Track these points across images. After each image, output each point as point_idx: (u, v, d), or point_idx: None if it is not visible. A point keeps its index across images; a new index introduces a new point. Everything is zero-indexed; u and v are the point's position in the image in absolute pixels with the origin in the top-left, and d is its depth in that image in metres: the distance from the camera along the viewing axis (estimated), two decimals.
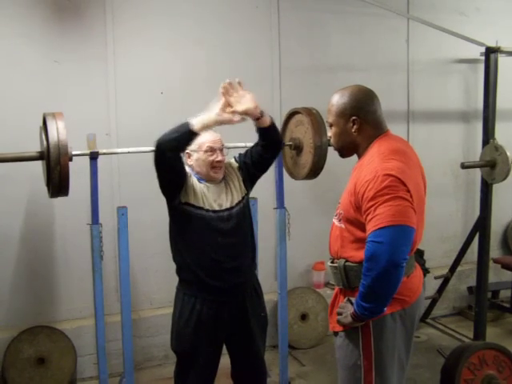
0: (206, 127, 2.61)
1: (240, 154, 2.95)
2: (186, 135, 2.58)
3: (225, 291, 2.74)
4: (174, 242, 2.82)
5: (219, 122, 2.62)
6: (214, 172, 2.75)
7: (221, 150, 2.78)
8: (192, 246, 2.73)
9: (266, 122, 2.74)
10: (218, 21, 4.26)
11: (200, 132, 2.59)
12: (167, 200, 2.78)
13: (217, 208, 2.73)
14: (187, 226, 2.73)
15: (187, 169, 2.79)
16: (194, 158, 2.79)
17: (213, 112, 2.62)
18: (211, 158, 2.74)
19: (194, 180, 2.77)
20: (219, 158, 2.75)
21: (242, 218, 2.81)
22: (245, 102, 2.65)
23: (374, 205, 2.06)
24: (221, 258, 2.71)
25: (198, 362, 2.76)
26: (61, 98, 3.79)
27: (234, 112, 2.63)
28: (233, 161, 2.93)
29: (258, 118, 2.70)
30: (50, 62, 3.83)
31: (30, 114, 3.44)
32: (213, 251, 2.70)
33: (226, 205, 2.76)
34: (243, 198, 2.84)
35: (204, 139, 2.74)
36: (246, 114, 2.66)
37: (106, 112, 3.99)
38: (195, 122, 2.58)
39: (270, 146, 2.85)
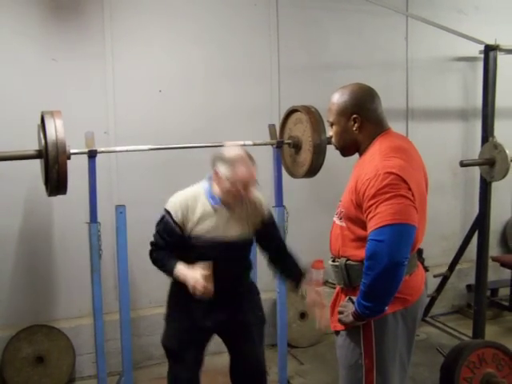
0: (181, 279, 2.63)
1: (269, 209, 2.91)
2: (168, 274, 2.72)
3: (218, 297, 2.68)
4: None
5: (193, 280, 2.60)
6: (233, 200, 2.67)
7: (250, 191, 2.68)
8: (188, 262, 2.70)
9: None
10: (216, 19, 4.25)
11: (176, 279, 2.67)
12: None
13: (221, 234, 2.69)
14: (185, 250, 2.72)
15: (198, 187, 2.75)
16: (222, 181, 2.64)
17: (192, 278, 2.58)
18: (237, 193, 2.64)
19: (200, 206, 2.69)
20: (249, 196, 2.69)
21: (242, 247, 2.81)
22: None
23: (375, 203, 2.05)
24: (216, 276, 2.62)
25: (185, 358, 2.79)
26: (59, 97, 3.78)
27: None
28: (265, 203, 2.86)
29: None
30: (48, 61, 3.82)
31: (27, 113, 3.43)
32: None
33: (232, 234, 2.72)
34: (251, 237, 2.83)
35: (241, 173, 2.60)
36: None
37: (104, 110, 3.98)
38: (177, 271, 2.64)
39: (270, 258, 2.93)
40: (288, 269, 2.88)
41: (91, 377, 3.93)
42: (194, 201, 2.69)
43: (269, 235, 2.87)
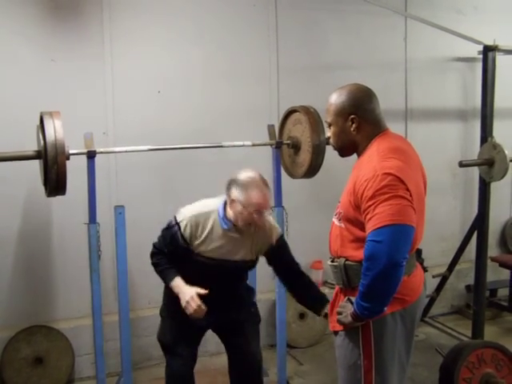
0: (176, 291, 2.69)
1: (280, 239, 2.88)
2: (165, 282, 2.80)
3: (212, 306, 2.72)
4: None
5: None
6: (245, 224, 2.66)
7: (264, 217, 2.68)
8: (186, 274, 2.73)
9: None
10: (215, 19, 4.25)
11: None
12: None
13: (223, 257, 2.71)
14: (186, 262, 2.73)
15: (213, 205, 2.74)
16: (236, 208, 2.63)
17: (187, 294, 2.64)
18: (251, 219, 2.63)
19: (210, 227, 2.69)
20: (260, 221, 2.66)
21: (244, 268, 2.85)
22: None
23: (373, 204, 2.05)
24: (212, 286, 2.67)
25: (179, 352, 2.84)
26: (58, 97, 3.77)
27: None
28: (278, 231, 2.86)
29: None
30: (47, 61, 3.82)
31: (26, 113, 3.43)
32: (204, 281, 2.68)
33: (236, 257, 2.74)
34: (254, 260, 2.85)
35: (254, 197, 2.60)
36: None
37: (103, 111, 3.98)
38: (173, 283, 2.70)
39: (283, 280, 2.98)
40: (309, 296, 2.88)
41: (90, 377, 3.93)
42: (205, 220, 2.69)
43: (279, 259, 2.88)
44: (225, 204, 2.70)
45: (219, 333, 2.98)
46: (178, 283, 2.68)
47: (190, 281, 2.70)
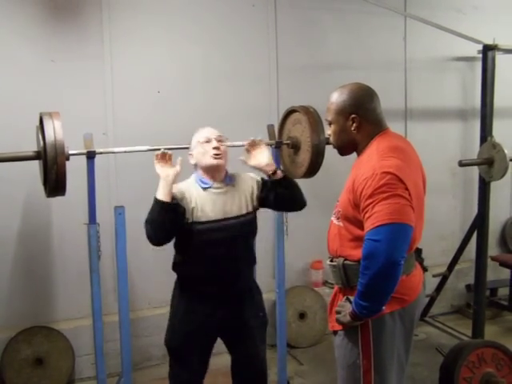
0: (165, 190, 2.66)
1: (264, 180, 2.90)
2: (156, 207, 2.63)
3: (221, 296, 2.77)
4: (176, 242, 2.82)
5: (171, 179, 2.67)
6: (213, 158, 2.73)
7: (218, 140, 2.79)
8: (194, 253, 2.74)
9: (279, 176, 2.80)
10: (215, 19, 4.25)
11: (165, 198, 2.63)
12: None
13: (220, 217, 2.71)
14: (192, 238, 2.72)
15: (189, 179, 2.81)
16: (194, 155, 2.81)
17: (162, 177, 2.69)
18: (208, 147, 2.76)
19: (194, 191, 2.74)
20: (215, 144, 2.76)
21: (247, 228, 2.82)
22: (259, 157, 2.83)
23: (371, 203, 2.05)
24: (221, 267, 2.72)
25: (189, 360, 2.79)
26: (57, 98, 3.77)
27: (245, 163, 2.80)
28: (255, 176, 2.90)
29: (269, 176, 2.81)
30: (47, 62, 3.82)
31: (26, 114, 3.42)
32: (214, 260, 2.71)
33: (232, 213, 2.75)
34: (254, 210, 2.84)
35: (200, 134, 2.83)
36: (256, 168, 2.83)
37: (102, 111, 3.98)
38: (157, 194, 2.66)
39: (286, 202, 2.89)
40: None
41: (90, 378, 3.93)
42: (187, 187, 2.77)
43: (269, 191, 2.86)
44: (196, 169, 2.83)
45: (226, 338, 2.93)
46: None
47: (201, 266, 2.71)
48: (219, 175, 2.78)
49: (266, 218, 3.80)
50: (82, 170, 3.11)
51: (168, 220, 2.63)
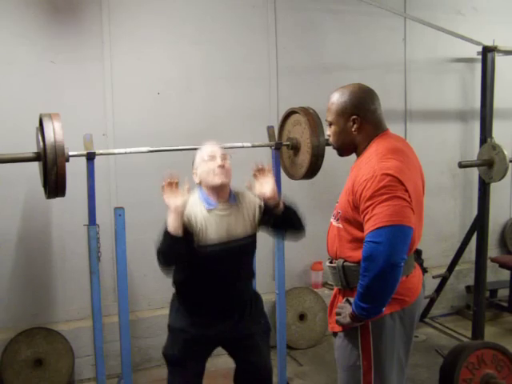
0: (176, 223, 2.58)
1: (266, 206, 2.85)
2: (168, 240, 2.59)
3: (222, 310, 2.75)
4: (176, 266, 2.80)
5: (178, 210, 2.59)
6: (218, 178, 2.68)
7: (222, 158, 2.73)
8: (195, 273, 2.72)
9: (280, 211, 2.72)
10: (215, 20, 4.25)
11: (175, 231, 2.57)
12: None
13: (225, 239, 2.69)
14: (193, 260, 2.70)
15: (193, 197, 2.76)
16: (198, 173, 2.75)
17: (172, 209, 2.60)
18: (212, 165, 2.69)
19: (199, 212, 2.70)
20: (219, 162, 2.70)
21: (249, 248, 2.82)
22: (266, 187, 2.67)
23: (371, 204, 2.05)
24: (223, 285, 2.70)
25: (186, 368, 2.77)
26: (57, 99, 3.78)
27: (250, 189, 2.71)
28: (255, 197, 2.84)
29: (272, 208, 2.70)
30: (47, 63, 3.82)
31: (26, 115, 3.43)
32: (215, 279, 2.69)
33: (236, 235, 2.72)
34: (255, 233, 2.82)
35: (204, 151, 2.75)
36: (260, 197, 2.71)
37: (102, 112, 3.98)
38: (167, 224, 2.59)
39: (283, 231, 2.88)
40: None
41: (90, 379, 3.93)
42: (193, 212, 2.69)
43: (271, 221, 2.83)
44: (199, 187, 2.77)
45: (229, 348, 2.90)
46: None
47: (202, 284, 2.70)
48: (224, 194, 2.73)
49: None
50: (82, 172, 3.11)
51: (181, 250, 2.62)
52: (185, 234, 2.60)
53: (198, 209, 2.70)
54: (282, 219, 2.73)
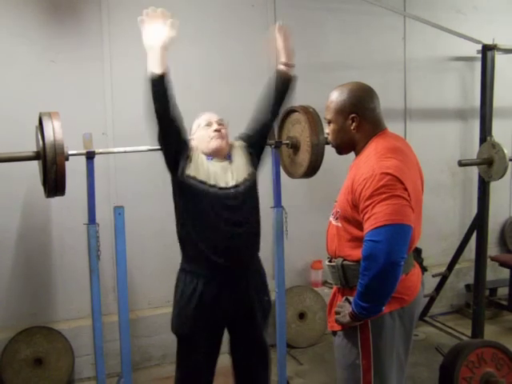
0: (162, 60, 2.59)
1: (242, 133, 3.03)
2: (155, 84, 2.61)
3: (228, 269, 2.72)
4: (179, 216, 2.82)
5: (166, 45, 2.60)
6: (215, 141, 2.78)
7: (219, 124, 2.84)
8: (197, 221, 2.72)
9: (289, 74, 3.04)
10: (214, 19, 4.25)
11: (161, 69, 2.58)
12: (171, 172, 2.79)
13: (223, 185, 2.73)
14: (193, 201, 2.72)
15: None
16: (195, 139, 2.85)
17: (155, 41, 2.59)
18: (209, 130, 2.81)
19: (202, 157, 2.79)
20: (215, 127, 2.81)
21: (248, 196, 2.81)
22: (286, 43, 3.05)
23: (371, 203, 2.05)
24: (227, 234, 2.69)
25: (199, 345, 2.76)
26: (57, 98, 3.77)
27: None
28: (237, 141, 2.98)
29: (286, 65, 3.04)
30: (46, 62, 3.82)
31: (26, 114, 3.43)
32: (218, 227, 2.69)
33: (232, 183, 2.76)
34: (249, 175, 2.85)
35: (200, 119, 2.89)
36: (285, 50, 3.07)
37: (102, 111, 3.98)
38: (151, 66, 2.57)
39: (283, 90, 3.12)
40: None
41: (90, 378, 3.93)
42: (196, 150, 2.83)
43: (251, 129, 3.04)
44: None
45: (229, 322, 2.87)
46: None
47: (208, 231, 2.70)
48: (221, 156, 2.82)
49: (265, 217, 3.80)
50: (82, 170, 3.11)
51: (169, 93, 2.70)
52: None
53: (199, 156, 2.80)
54: (282, 83, 3.04)
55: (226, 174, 2.77)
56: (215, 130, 2.79)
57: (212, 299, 2.72)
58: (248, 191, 2.81)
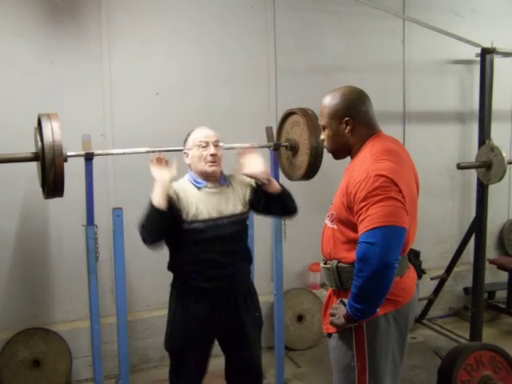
0: (161, 196, 2.64)
1: (258, 185, 2.88)
2: (152, 213, 2.62)
3: (219, 293, 2.77)
4: (169, 243, 2.82)
5: (167, 184, 2.68)
6: (209, 166, 2.74)
7: (215, 145, 2.78)
8: (189, 251, 2.74)
9: (275, 189, 2.78)
10: (214, 21, 4.25)
11: (161, 205, 2.61)
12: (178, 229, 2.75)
13: (215, 216, 2.73)
14: (186, 237, 2.73)
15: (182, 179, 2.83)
16: (189, 156, 2.81)
17: (158, 181, 2.69)
18: (205, 153, 2.75)
19: (189, 190, 2.75)
20: (212, 151, 2.75)
21: (240, 226, 2.84)
22: (254, 165, 2.76)
23: (365, 205, 2.06)
24: (217, 262, 2.73)
25: (189, 361, 2.79)
26: (56, 99, 3.78)
27: (242, 173, 2.78)
28: (247, 178, 2.88)
29: (264, 184, 2.77)
30: (45, 63, 3.82)
31: (24, 115, 3.43)
32: (210, 257, 2.72)
33: (227, 212, 2.76)
34: (246, 212, 2.85)
35: (197, 135, 2.81)
36: (252, 177, 2.79)
37: (101, 113, 3.97)
38: (152, 197, 2.65)
39: (276, 211, 2.93)
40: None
41: (88, 380, 3.93)
42: (182, 186, 2.77)
43: (263, 195, 2.86)
44: (189, 169, 2.83)
45: (222, 338, 2.92)
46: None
47: (199, 262, 2.71)
48: (214, 179, 2.80)
49: (263, 220, 3.81)
50: (81, 172, 3.11)
51: (164, 224, 2.65)
52: (170, 210, 2.64)
53: (187, 188, 2.76)
54: (276, 198, 2.78)
55: (221, 203, 2.76)
56: (211, 155, 2.74)
57: (203, 318, 2.76)
58: (241, 222, 2.84)
